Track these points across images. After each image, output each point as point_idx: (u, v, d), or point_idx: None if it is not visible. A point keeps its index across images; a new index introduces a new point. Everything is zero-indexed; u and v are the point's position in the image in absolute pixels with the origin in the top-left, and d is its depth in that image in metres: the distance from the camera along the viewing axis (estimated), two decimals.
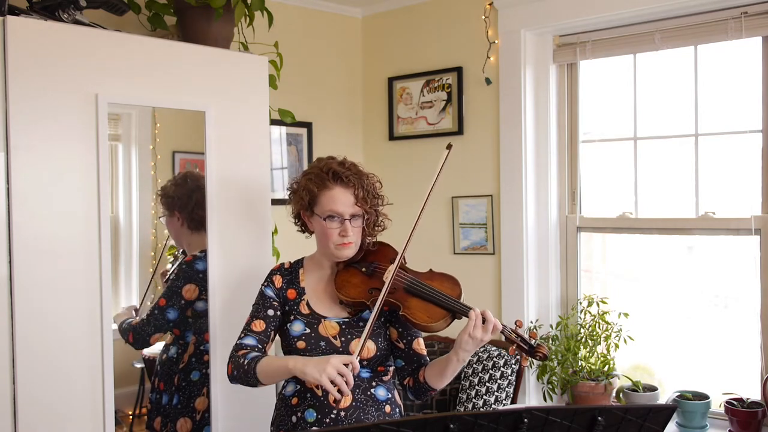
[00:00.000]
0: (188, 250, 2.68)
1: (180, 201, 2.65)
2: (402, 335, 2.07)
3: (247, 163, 2.70)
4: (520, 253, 3.24)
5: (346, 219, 2.00)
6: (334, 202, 2.00)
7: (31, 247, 2.18)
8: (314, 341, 1.99)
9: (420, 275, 2.04)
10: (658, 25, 2.95)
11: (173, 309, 2.57)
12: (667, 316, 3.08)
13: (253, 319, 2.06)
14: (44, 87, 2.20)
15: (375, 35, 3.77)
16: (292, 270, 2.14)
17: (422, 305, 1.96)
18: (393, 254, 2.09)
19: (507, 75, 3.25)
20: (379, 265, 2.06)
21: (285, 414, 2.04)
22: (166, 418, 2.61)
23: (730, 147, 2.91)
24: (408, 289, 1.98)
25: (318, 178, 2.03)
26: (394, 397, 2.09)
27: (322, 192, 2.01)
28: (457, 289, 2.01)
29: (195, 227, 2.64)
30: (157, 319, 2.54)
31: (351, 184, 2.01)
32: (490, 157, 3.34)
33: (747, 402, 2.75)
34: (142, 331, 2.53)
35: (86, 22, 2.38)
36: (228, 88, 2.64)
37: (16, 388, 2.16)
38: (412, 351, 2.07)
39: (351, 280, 2.03)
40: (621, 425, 1.32)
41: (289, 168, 3.49)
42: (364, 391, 2.01)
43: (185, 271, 2.61)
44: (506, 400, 2.95)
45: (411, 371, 2.08)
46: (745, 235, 2.82)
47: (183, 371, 2.63)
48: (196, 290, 2.60)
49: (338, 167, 2.03)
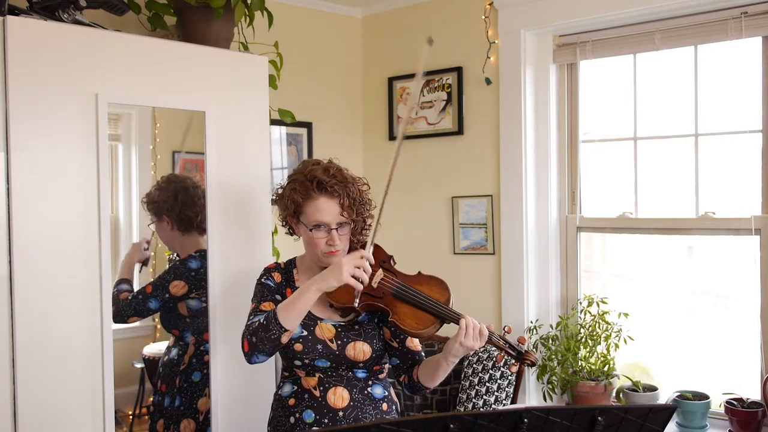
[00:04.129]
0: (181, 252, 2.67)
1: (166, 204, 2.65)
2: (395, 334, 2.07)
3: (247, 163, 2.70)
4: (520, 253, 3.24)
5: (333, 228, 1.98)
6: (319, 213, 1.97)
7: (31, 247, 2.18)
8: (311, 344, 1.99)
9: (408, 278, 2.02)
10: (658, 25, 2.95)
11: (156, 300, 2.58)
12: (667, 316, 3.08)
13: (261, 302, 2.03)
14: (44, 87, 2.20)
15: (375, 35, 3.77)
16: (287, 270, 2.13)
17: (411, 311, 1.95)
18: (381, 255, 2.07)
19: (507, 75, 3.25)
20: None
21: (282, 415, 2.04)
22: (168, 421, 2.61)
23: (730, 147, 2.91)
24: (396, 295, 1.97)
25: (302, 187, 1.99)
26: (390, 394, 2.10)
27: (306, 202, 1.99)
28: (446, 294, 1.99)
29: (185, 229, 2.65)
30: (139, 303, 2.55)
31: (336, 193, 1.98)
32: (490, 157, 3.34)
33: (747, 402, 2.75)
34: (122, 310, 2.53)
35: (86, 22, 2.38)
36: (228, 88, 2.64)
37: (16, 388, 2.16)
38: (405, 349, 2.07)
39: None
40: (621, 425, 1.32)
41: (289, 168, 3.49)
42: (360, 390, 2.02)
43: (177, 268, 2.62)
44: (506, 400, 2.95)
45: (406, 369, 2.09)
46: (745, 235, 2.82)
47: (184, 372, 2.63)
48: (184, 287, 2.60)
49: (323, 176, 1.98)
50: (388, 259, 2.06)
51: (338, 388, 2.00)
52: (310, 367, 2.01)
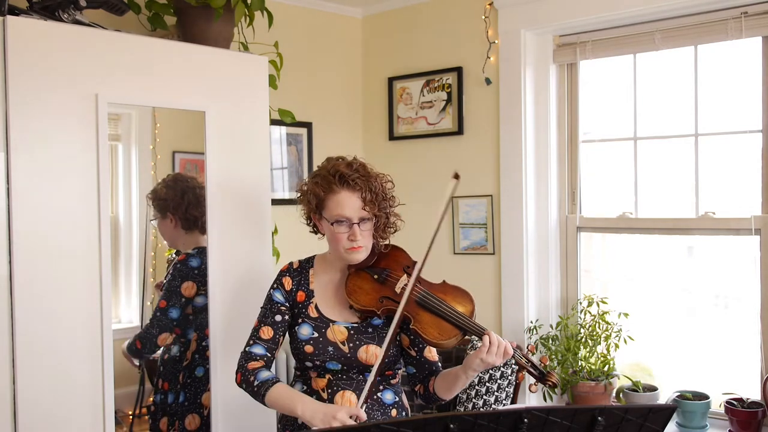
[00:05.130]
0: (183, 249, 2.70)
1: (173, 202, 2.66)
2: (413, 343, 2.04)
3: (247, 163, 2.70)
4: (520, 253, 3.23)
5: (355, 223, 1.96)
6: (341, 207, 1.96)
7: (31, 247, 2.18)
8: (322, 346, 1.98)
9: (433, 287, 1.99)
10: (658, 25, 2.95)
11: (175, 308, 2.60)
12: (667, 316, 3.08)
13: (261, 325, 2.03)
14: (44, 87, 2.20)
15: (375, 35, 3.77)
16: (301, 270, 2.11)
17: (434, 321, 1.92)
18: (405, 260, 2.05)
19: (507, 75, 3.25)
20: (391, 273, 2.02)
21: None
22: (173, 417, 2.63)
23: (730, 147, 2.91)
24: (420, 303, 1.94)
25: (324, 181, 1.98)
26: (401, 400, 2.08)
27: (328, 196, 1.97)
28: (471, 306, 1.97)
29: (189, 227, 2.67)
30: (160, 320, 2.57)
31: (358, 187, 1.96)
32: (490, 157, 3.34)
33: (747, 402, 2.75)
34: (148, 335, 2.57)
35: (86, 22, 2.38)
36: (228, 88, 2.64)
37: (16, 388, 2.16)
38: (423, 359, 2.05)
39: (362, 287, 1.99)
40: (621, 425, 1.32)
41: (289, 168, 3.49)
42: (370, 395, 2.00)
43: (180, 270, 2.62)
44: (506, 400, 2.95)
45: (422, 378, 2.06)
46: (745, 235, 2.82)
47: (187, 368, 2.65)
48: (194, 287, 2.61)
49: (345, 169, 1.97)
50: (413, 265, 2.02)
51: (346, 392, 1.98)
52: (321, 368, 2.00)
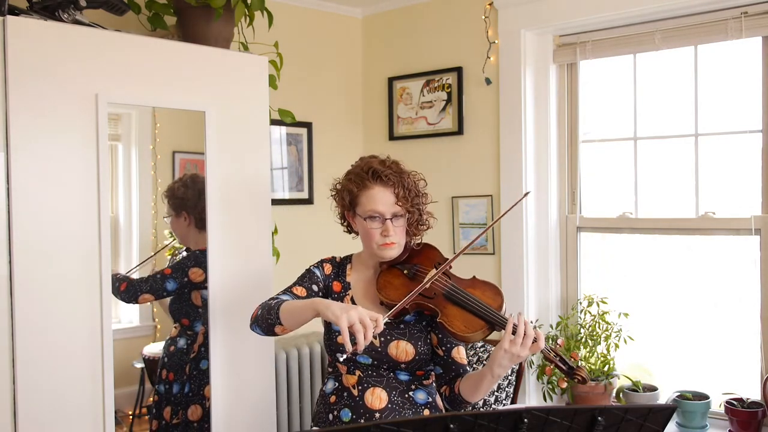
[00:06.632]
0: (194, 248, 2.71)
1: (190, 202, 2.69)
2: (441, 342, 2.04)
3: (247, 163, 2.70)
4: (520, 253, 3.23)
5: (387, 219, 1.98)
6: (374, 202, 1.98)
7: (31, 247, 2.18)
8: None
9: (462, 282, 2.01)
10: (658, 25, 2.95)
11: (174, 281, 2.61)
12: (667, 316, 3.08)
13: (296, 285, 2.05)
14: (44, 87, 2.20)
15: (375, 35, 3.77)
16: (341, 263, 2.15)
17: (460, 314, 1.91)
18: (437, 257, 2.07)
19: (507, 75, 3.25)
20: (421, 268, 2.03)
21: (323, 411, 2.04)
22: (177, 406, 2.65)
23: (730, 147, 2.91)
24: (448, 296, 1.95)
25: (358, 177, 2.01)
26: (435, 401, 2.06)
27: (362, 192, 2.00)
28: (499, 300, 1.97)
29: (203, 226, 2.68)
30: (156, 281, 2.58)
31: (391, 182, 1.99)
32: (490, 157, 3.34)
33: (747, 402, 2.75)
34: (136, 286, 2.54)
35: (86, 22, 2.37)
36: (228, 88, 2.64)
37: (16, 388, 2.16)
38: (450, 359, 2.04)
39: (392, 282, 2.01)
40: (621, 425, 1.31)
41: (289, 168, 3.49)
42: (401, 393, 1.99)
43: (197, 257, 2.64)
44: (506, 400, 2.94)
45: (448, 380, 2.05)
46: (745, 235, 2.82)
47: (193, 360, 2.67)
48: (202, 275, 2.62)
49: (378, 166, 2.01)
50: (444, 260, 2.05)
51: (377, 389, 1.97)
52: (351, 362, 2.00)
